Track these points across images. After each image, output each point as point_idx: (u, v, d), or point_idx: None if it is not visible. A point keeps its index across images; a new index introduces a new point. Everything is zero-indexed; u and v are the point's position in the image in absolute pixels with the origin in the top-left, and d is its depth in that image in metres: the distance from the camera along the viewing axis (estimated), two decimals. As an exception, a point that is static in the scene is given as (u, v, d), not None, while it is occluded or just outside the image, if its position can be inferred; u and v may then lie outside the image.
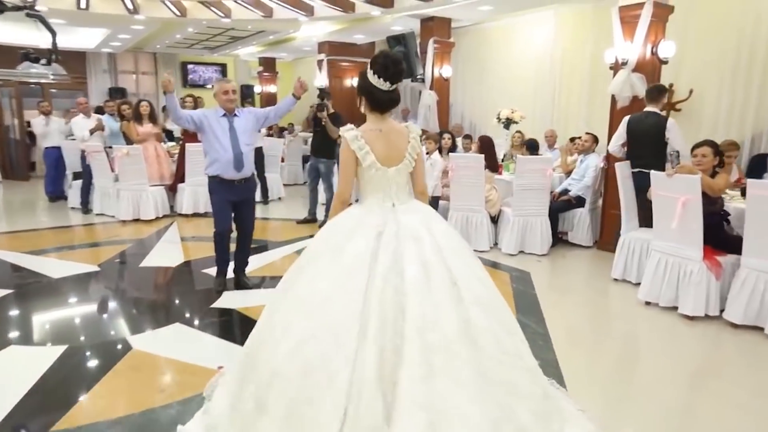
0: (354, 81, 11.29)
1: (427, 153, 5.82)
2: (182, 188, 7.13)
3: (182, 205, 7.10)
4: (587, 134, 5.88)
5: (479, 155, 5.54)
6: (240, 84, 13.14)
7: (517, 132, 7.22)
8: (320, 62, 10.63)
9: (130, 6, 7.74)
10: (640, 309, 4.06)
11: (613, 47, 5.42)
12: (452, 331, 1.90)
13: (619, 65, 5.28)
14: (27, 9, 5.77)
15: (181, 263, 5.08)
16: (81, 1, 7.43)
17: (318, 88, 6.53)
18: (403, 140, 2.31)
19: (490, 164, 5.82)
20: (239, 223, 4.22)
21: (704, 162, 3.78)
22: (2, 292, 4.15)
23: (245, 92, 13.69)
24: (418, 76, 8.02)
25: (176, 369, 2.99)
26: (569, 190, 5.86)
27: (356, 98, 2.36)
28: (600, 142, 5.88)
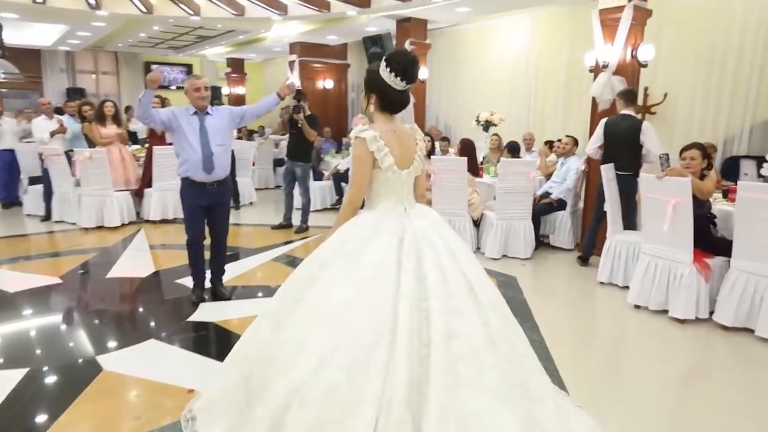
0: (326, 83, 11.12)
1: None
2: (149, 193, 6.79)
3: (149, 211, 6.76)
4: (567, 137, 5.87)
5: (462, 158, 5.45)
6: (207, 85, 12.73)
7: (494, 135, 7.18)
8: (292, 63, 10.40)
9: (92, 1, 7.32)
10: (630, 312, 4.03)
11: (593, 50, 5.43)
12: (476, 338, 1.88)
13: (600, 68, 5.28)
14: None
15: (151, 273, 4.77)
16: (37, -6, 7.00)
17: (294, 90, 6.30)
18: (412, 142, 2.21)
19: (471, 167, 5.74)
20: (212, 230, 3.99)
21: (693, 165, 3.77)
22: (-49, 309, 3.79)
23: (212, 94, 13.28)
24: (394, 78, 7.89)
25: (152, 391, 2.74)
26: (550, 193, 5.83)
27: (364, 100, 2.21)
28: (580, 145, 5.89)
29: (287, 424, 1.77)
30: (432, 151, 6.28)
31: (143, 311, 4.07)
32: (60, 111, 7.48)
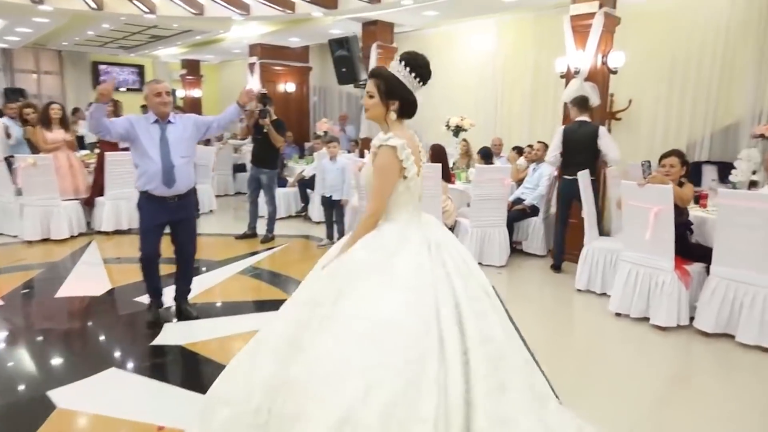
0: (287, 86, 10.82)
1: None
2: (101, 202, 6.34)
3: (101, 222, 6.31)
4: (539, 143, 5.86)
5: (436, 164, 5.32)
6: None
7: (463, 140, 7.12)
8: (252, 65, 10.04)
9: (34, -6, 6.79)
10: (611, 320, 4.00)
11: (562, 56, 5.45)
12: (502, 341, 1.91)
13: (572, 74, 5.28)
14: None
15: (107, 291, 4.38)
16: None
17: (259, 93, 6.01)
18: (417, 149, 2.13)
19: (444, 174, 5.62)
20: (177, 247, 3.69)
21: (672, 172, 3.78)
22: None
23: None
24: (361, 82, 7.71)
25: (116, 431, 2.44)
26: (523, 200, 5.80)
27: (380, 106, 2.08)
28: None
29: None
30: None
31: (100, 336, 3.69)
32: (-1, 113, 6.89)
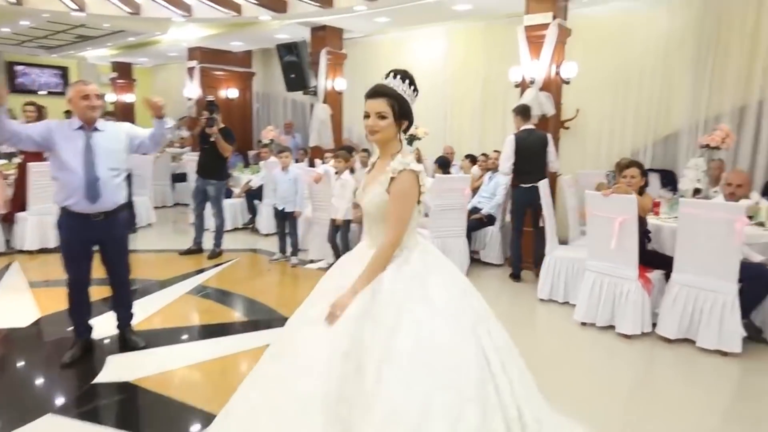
0: (229, 92, 10.38)
1: (336, 173, 5.33)
2: (23, 218, 5.72)
3: (24, 240, 5.69)
4: (495, 152, 5.87)
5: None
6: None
7: (416, 149, 7.04)
8: (191, 70, 9.52)
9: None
10: (578, 329, 4.00)
11: (517, 65, 5.49)
12: (506, 346, 1.99)
13: (527, 84, 5.32)
14: None
15: (35, 321, 3.89)
16: None
17: (206, 101, 5.65)
18: None
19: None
20: (107, 270, 3.31)
21: (633, 182, 3.84)
22: None
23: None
24: (311, 88, 7.47)
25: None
26: (479, 209, 5.78)
27: (393, 126, 1.98)
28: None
29: None
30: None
31: (30, 375, 3.22)
32: None
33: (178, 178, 9.54)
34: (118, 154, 3.16)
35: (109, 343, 3.44)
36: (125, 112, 11.76)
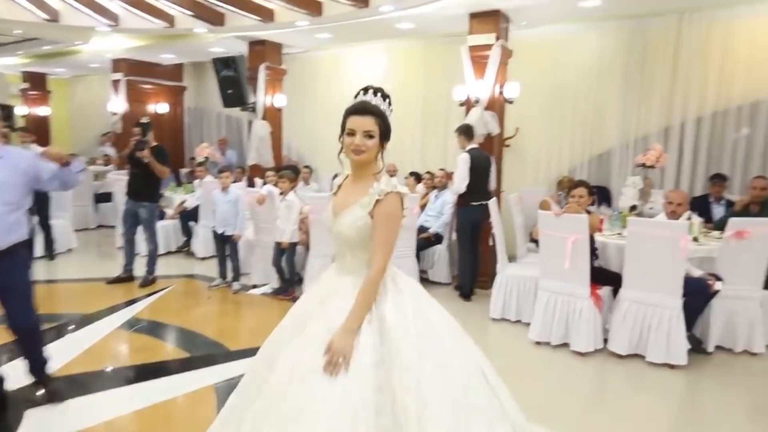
0: (159, 106, 9.83)
1: (281, 194, 5.09)
2: None
3: None
4: (441, 170, 5.87)
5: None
6: (-6, 103, 10.24)
7: (391, 164, 6.92)
8: (116, 83, 8.91)
9: None
10: (532, 348, 4.01)
11: (461, 84, 5.54)
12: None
13: (472, 103, 5.38)
14: None
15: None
16: None
17: (139, 123, 5.23)
18: None
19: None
20: (7, 317, 2.83)
21: (582, 202, 3.92)
22: None
23: (6, 115, 10.73)
24: (249, 105, 7.18)
25: None
26: (427, 227, 5.74)
27: (378, 147, 1.89)
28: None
29: None
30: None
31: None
32: None
33: (102, 198, 8.85)
34: (18, 188, 2.73)
35: (27, 393, 3.00)
36: (39, 127, 10.78)
